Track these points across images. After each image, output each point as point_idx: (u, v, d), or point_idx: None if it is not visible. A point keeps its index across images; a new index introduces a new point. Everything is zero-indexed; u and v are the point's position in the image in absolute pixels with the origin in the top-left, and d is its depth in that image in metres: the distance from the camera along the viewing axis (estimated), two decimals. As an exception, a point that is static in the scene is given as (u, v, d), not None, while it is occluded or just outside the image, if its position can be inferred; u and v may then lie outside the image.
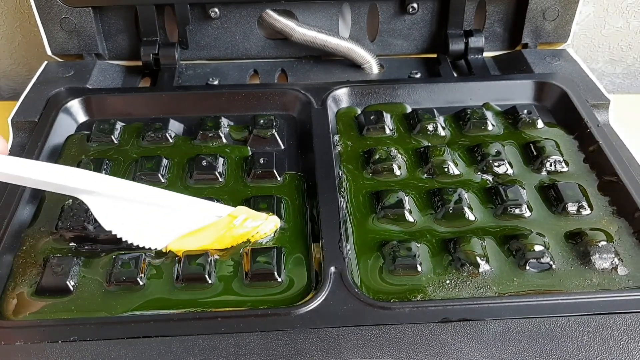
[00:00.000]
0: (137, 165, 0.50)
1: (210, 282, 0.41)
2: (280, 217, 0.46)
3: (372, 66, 0.65)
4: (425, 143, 0.53)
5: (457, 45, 0.65)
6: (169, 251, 0.43)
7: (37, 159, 0.50)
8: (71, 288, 0.41)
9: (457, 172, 0.50)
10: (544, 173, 0.50)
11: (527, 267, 0.42)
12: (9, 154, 0.52)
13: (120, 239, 0.43)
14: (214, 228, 0.44)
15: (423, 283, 0.41)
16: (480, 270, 0.42)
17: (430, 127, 0.54)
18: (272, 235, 0.45)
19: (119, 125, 0.55)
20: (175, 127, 0.55)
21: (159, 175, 0.49)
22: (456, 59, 0.66)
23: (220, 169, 0.50)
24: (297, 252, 0.44)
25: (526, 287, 0.41)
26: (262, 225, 0.44)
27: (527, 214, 0.46)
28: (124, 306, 0.40)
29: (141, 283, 0.41)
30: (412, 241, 0.43)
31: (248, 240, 0.44)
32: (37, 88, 0.59)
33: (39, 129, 0.53)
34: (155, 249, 0.43)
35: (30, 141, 0.52)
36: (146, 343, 0.37)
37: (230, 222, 0.44)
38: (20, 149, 0.52)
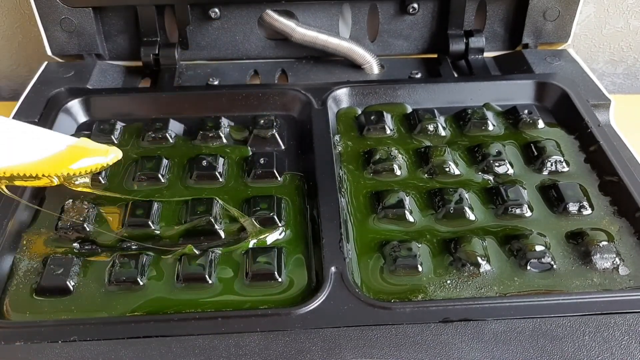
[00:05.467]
0: (137, 166, 0.50)
1: (210, 282, 0.41)
2: (280, 217, 0.46)
3: (373, 66, 0.65)
4: (426, 143, 0.53)
5: (457, 46, 0.65)
6: None
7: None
8: (71, 288, 0.41)
9: (457, 172, 0.50)
10: (544, 173, 0.50)
11: (528, 267, 0.42)
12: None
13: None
14: (49, 162, 0.42)
15: (424, 283, 0.41)
16: (481, 270, 0.42)
17: (430, 127, 0.54)
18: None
19: (119, 125, 0.55)
20: (175, 128, 0.55)
21: (159, 175, 0.49)
22: (456, 59, 0.66)
23: (220, 169, 0.50)
24: (298, 253, 0.44)
25: (527, 287, 0.41)
26: (99, 163, 0.44)
27: (528, 214, 0.46)
28: (124, 306, 0.40)
29: (141, 283, 0.41)
30: (413, 241, 0.43)
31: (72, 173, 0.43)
32: (37, 88, 0.59)
33: (39, 129, 0.53)
34: None
35: (30, 141, 0.52)
36: (146, 343, 0.37)
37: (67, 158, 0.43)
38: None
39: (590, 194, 0.48)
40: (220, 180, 0.49)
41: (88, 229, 0.45)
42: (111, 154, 0.45)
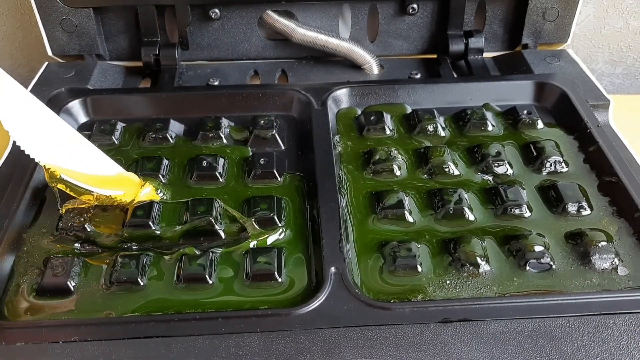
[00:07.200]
0: (137, 166, 0.50)
1: (210, 282, 0.41)
2: (280, 217, 0.46)
3: (372, 67, 0.65)
4: (426, 143, 0.53)
5: (457, 46, 0.65)
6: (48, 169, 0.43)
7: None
8: (72, 289, 0.41)
9: (457, 172, 0.50)
10: (544, 173, 0.50)
11: (527, 268, 0.42)
12: (10, 153, 0.52)
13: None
14: (107, 180, 0.45)
15: (423, 283, 0.41)
16: (481, 270, 0.42)
17: (430, 128, 0.54)
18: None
19: (120, 125, 0.55)
20: (175, 128, 0.55)
21: (160, 175, 0.49)
22: (456, 60, 0.66)
23: (220, 170, 0.50)
24: (298, 253, 0.44)
25: (526, 287, 0.41)
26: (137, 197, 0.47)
27: (527, 214, 0.46)
28: (125, 307, 0.40)
29: (142, 283, 0.41)
30: (412, 241, 0.43)
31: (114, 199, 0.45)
32: (37, 89, 0.59)
33: (39, 129, 0.53)
34: (33, 158, 0.42)
35: (30, 142, 0.52)
36: (146, 343, 0.37)
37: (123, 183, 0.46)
38: (20, 150, 0.52)
39: (589, 194, 0.48)
40: (221, 180, 0.50)
41: (89, 230, 0.45)
42: (142, 192, 0.47)
